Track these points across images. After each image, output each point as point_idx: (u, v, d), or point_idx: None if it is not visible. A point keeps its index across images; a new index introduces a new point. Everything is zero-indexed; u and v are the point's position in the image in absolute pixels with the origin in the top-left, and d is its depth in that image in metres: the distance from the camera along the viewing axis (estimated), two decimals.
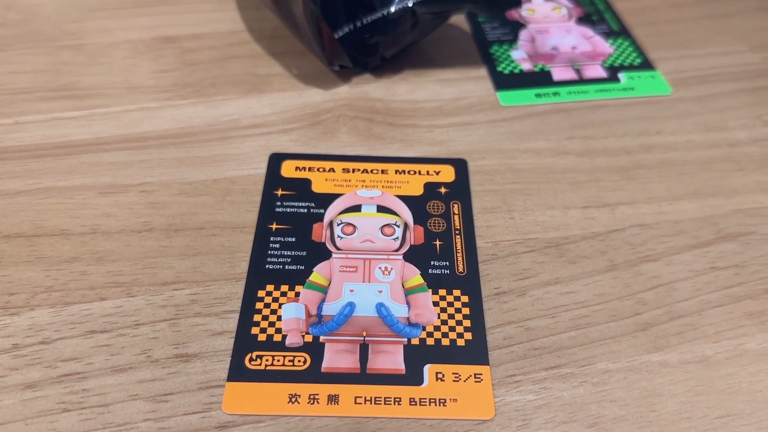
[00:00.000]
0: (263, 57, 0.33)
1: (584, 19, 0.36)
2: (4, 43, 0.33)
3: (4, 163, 0.27)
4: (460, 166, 0.28)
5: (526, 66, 0.33)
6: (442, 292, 0.24)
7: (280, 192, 0.27)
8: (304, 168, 0.28)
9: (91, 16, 0.34)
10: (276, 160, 0.28)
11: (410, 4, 0.30)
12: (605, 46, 0.34)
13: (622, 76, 0.33)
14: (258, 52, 0.33)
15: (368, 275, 0.24)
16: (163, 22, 0.34)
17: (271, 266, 0.24)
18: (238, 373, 0.21)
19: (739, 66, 0.34)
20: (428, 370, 0.22)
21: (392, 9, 0.31)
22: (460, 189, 0.27)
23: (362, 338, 0.22)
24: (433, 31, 0.32)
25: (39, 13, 0.34)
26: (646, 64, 0.34)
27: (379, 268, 0.24)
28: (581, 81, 0.32)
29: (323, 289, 0.24)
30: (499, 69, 0.33)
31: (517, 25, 0.35)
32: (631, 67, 0.33)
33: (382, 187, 0.27)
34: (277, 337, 0.22)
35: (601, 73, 0.33)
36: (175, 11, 0.35)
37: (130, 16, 0.35)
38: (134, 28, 0.34)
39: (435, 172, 0.28)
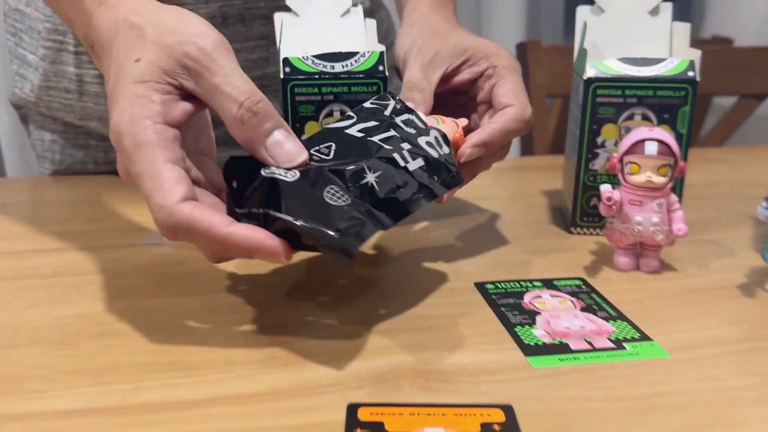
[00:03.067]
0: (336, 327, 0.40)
1: (586, 309, 0.45)
2: (123, 332, 0.40)
3: (126, 417, 0.33)
4: (508, 410, 0.34)
5: (547, 340, 0.41)
6: None
7: (359, 431, 0.32)
8: (377, 413, 0.33)
9: (196, 314, 0.43)
10: (353, 408, 0.34)
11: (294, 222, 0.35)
12: (608, 326, 0.42)
13: (626, 345, 0.40)
14: (332, 325, 0.40)
15: None
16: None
17: None
18: None
19: (720, 336, 0.41)
20: None
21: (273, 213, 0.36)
22: (511, 427, 0.32)
23: None
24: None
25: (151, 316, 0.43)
26: (645, 337, 0.41)
27: None
28: (594, 349, 0.40)
29: None
30: (526, 342, 0.40)
31: (534, 313, 0.44)
32: (632, 340, 0.41)
33: (444, 425, 0.32)
34: None
35: (609, 344, 0.40)
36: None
37: (231, 311, 0.43)
38: (233, 320, 0.42)
39: (487, 414, 0.33)
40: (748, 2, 1.36)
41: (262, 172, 0.38)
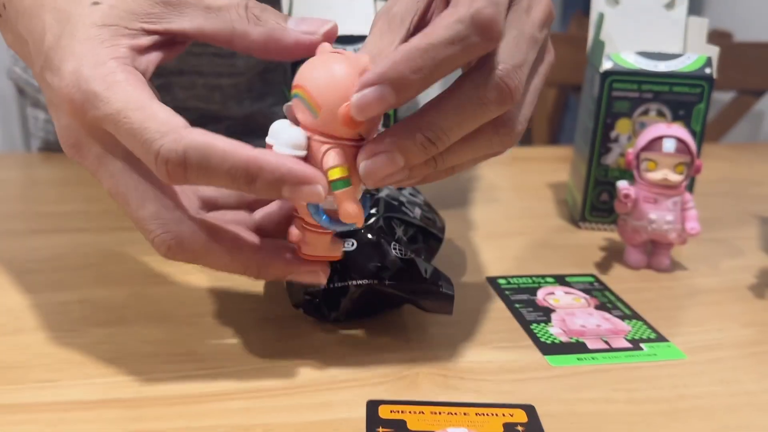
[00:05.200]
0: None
1: (600, 307, 0.44)
2: (129, 319, 0.39)
3: (140, 410, 0.32)
4: (530, 410, 0.33)
5: (564, 339, 0.40)
6: None
7: (380, 429, 0.31)
8: (398, 411, 0.32)
9: (205, 301, 0.42)
10: (373, 405, 0.33)
11: (367, 282, 0.37)
12: (623, 325, 0.42)
13: (643, 346, 0.40)
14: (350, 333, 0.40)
15: None
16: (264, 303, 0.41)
17: None
18: None
19: (736, 338, 0.41)
20: None
21: (357, 282, 0.37)
22: (535, 429, 0.32)
23: None
24: (383, 311, 0.41)
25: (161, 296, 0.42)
26: (661, 338, 0.41)
27: None
28: (612, 349, 0.39)
29: None
30: (542, 340, 0.40)
31: (548, 310, 0.43)
32: (649, 340, 0.40)
33: (467, 425, 0.32)
34: None
35: (626, 344, 0.40)
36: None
37: (242, 298, 0.42)
38: (244, 309, 0.41)
39: (510, 414, 0.33)
40: None
41: None
